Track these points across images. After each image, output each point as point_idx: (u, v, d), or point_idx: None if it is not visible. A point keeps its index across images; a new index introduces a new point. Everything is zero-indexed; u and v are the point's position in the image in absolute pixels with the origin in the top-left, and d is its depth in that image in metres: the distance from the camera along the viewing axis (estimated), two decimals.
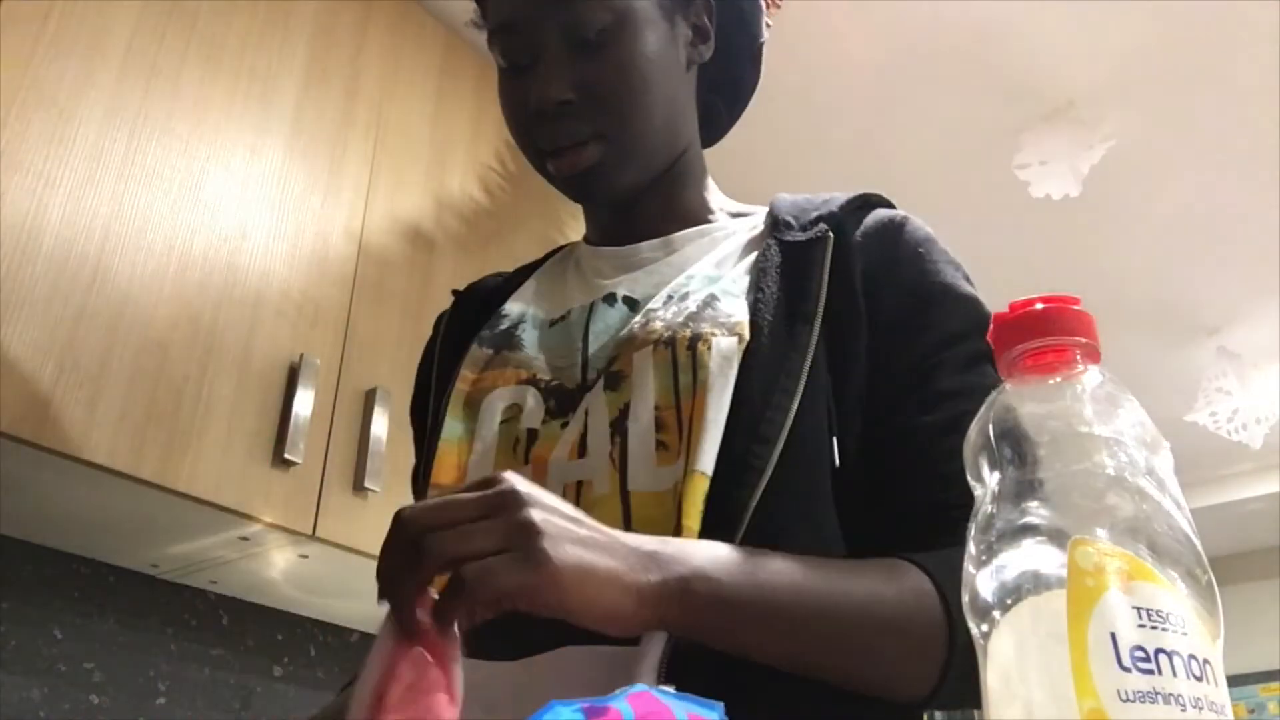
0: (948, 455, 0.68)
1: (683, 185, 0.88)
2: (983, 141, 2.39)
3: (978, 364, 0.73)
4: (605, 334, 0.79)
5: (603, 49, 0.78)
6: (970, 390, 0.71)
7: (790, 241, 0.78)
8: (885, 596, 0.62)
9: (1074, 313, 0.44)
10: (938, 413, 0.71)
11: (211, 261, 1.43)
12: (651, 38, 0.79)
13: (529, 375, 0.79)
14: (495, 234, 1.91)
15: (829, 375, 0.72)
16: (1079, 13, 2.06)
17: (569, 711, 0.40)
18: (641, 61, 0.78)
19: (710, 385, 0.69)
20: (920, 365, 0.74)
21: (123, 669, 1.56)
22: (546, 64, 0.78)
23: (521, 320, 0.85)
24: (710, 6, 0.86)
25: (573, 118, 0.78)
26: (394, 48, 1.85)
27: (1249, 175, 2.47)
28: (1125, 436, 0.42)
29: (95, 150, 1.32)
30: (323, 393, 1.50)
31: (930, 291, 0.77)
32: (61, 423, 1.20)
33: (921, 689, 0.63)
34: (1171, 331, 3.09)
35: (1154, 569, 0.38)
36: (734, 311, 0.74)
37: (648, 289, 0.81)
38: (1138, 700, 0.35)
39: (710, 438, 0.67)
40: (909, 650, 0.62)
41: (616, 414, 0.72)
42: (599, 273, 0.86)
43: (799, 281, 0.75)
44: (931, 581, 0.63)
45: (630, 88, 0.78)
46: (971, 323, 0.76)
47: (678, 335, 0.73)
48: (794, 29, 2.04)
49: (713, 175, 0.94)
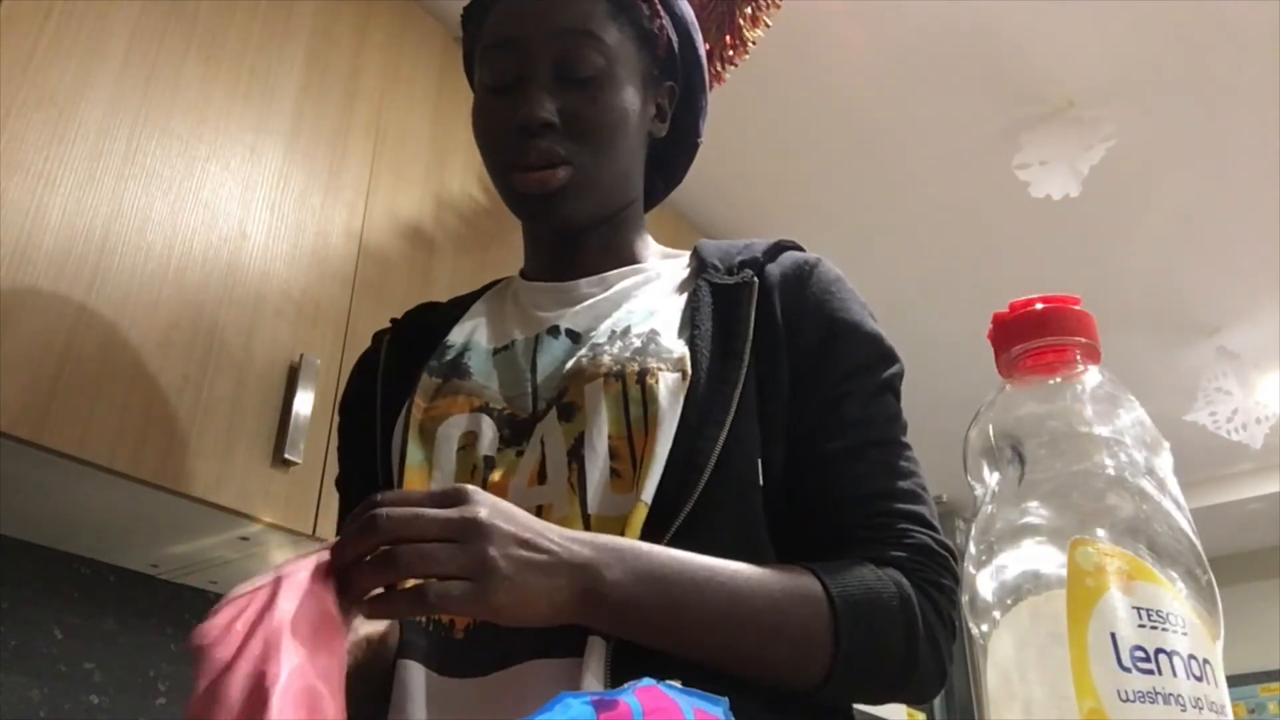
0: (853, 479, 0.80)
1: (624, 230, 0.95)
2: (983, 141, 2.39)
3: (881, 394, 0.84)
4: (551, 365, 0.85)
5: (589, 88, 0.86)
6: (873, 419, 0.82)
7: (719, 284, 0.86)
8: (777, 596, 0.71)
9: (1074, 313, 0.44)
10: (844, 440, 0.81)
11: (211, 261, 1.43)
12: (630, 93, 0.89)
13: (481, 403, 0.84)
14: (495, 234, 1.91)
15: (756, 400, 0.80)
16: (1079, 13, 2.06)
17: (579, 704, 0.40)
18: (620, 108, 0.87)
19: (661, 420, 0.76)
20: (830, 396, 0.82)
21: (123, 669, 1.56)
22: (535, 86, 0.85)
23: (467, 349, 0.90)
24: (673, 94, 0.96)
25: (551, 140, 0.85)
26: (394, 48, 1.85)
27: (1249, 175, 2.47)
28: (1125, 436, 0.42)
29: (95, 150, 1.32)
30: (323, 393, 1.50)
31: (839, 327, 0.85)
32: (61, 423, 1.20)
33: (812, 680, 0.71)
34: (1171, 331, 3.09)
35: (1154, 569, 0.38)
36: (674, 348, 0.81)
37: (588, 322, 0.88)
38: (1138, 700, 0.35)
39: (655, 470, 0.74)
40: (797, 645, 0.71)
41: (572, 443, 0.79)
42: (538, 306, 0.92)
43: (729, 321, 0.83)
44: (820, 584, 0.72)
45: (607, 126, 0.86)
46: (875, 356, 0.85)
47: (626, 369, 0.79)
48: (794, 29, 2.04)
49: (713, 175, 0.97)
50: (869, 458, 0.81)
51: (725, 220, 2.59)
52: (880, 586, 0.73)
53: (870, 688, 0.75)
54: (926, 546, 0.77)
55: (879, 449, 0.82)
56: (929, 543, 0.77)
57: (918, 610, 0.73)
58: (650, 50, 0.92)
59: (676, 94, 0.96)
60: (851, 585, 0.72)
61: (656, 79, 0.94)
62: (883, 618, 0.72)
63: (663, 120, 0.95)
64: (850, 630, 0.70)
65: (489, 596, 0.61)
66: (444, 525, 0.61)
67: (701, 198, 2.49)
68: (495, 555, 0.61)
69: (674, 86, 0.96)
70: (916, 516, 0.79)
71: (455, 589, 0.60)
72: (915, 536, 0.77)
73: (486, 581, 0.61)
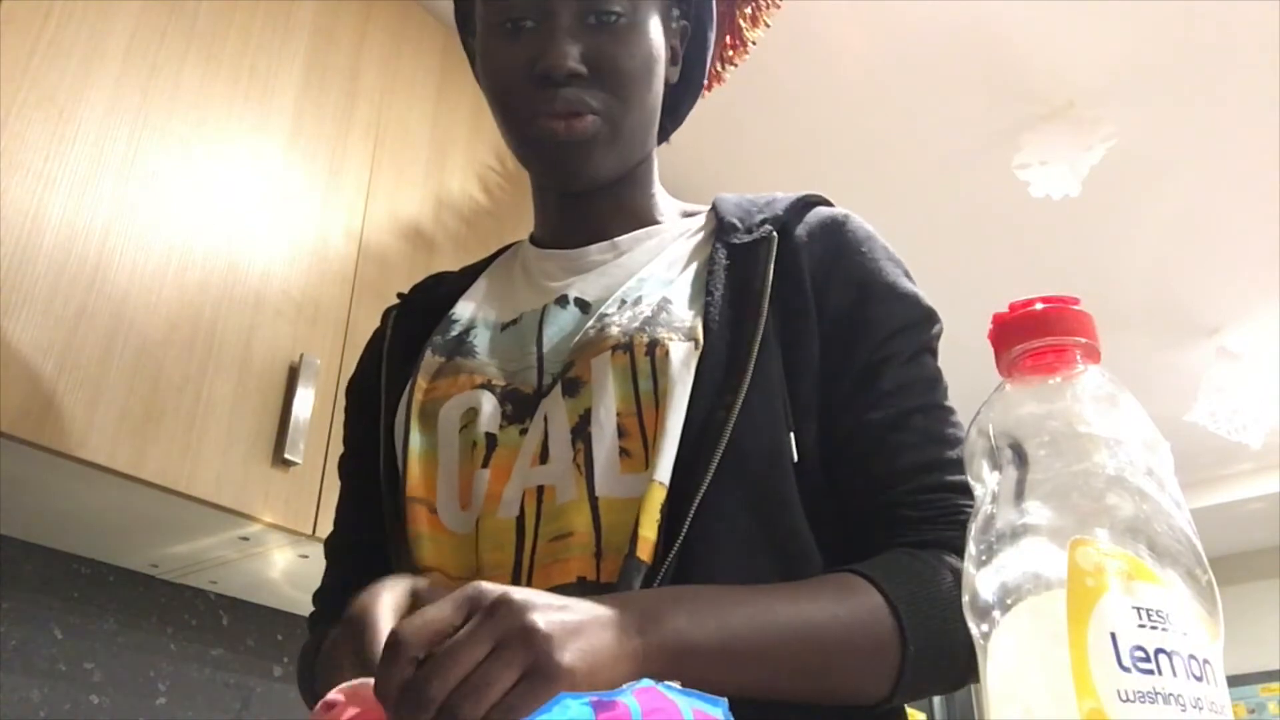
0: (896, 452, 0.75)
1: (638, 188, 0.90)
2: (983, 141, 2.39)
3: (919, 357, 0.79)
4: (559, 337, 0.80)
5: (615, 34, 0.80)
6: (913, 384, 0.77)
7: (736, 244, 0.81)
8: (840, 615, 0.65)
9: (1074, 313, 0.44)
10: (883, 410, 0.76)
11: (211, 261, 1.43)
12: (655, 36, 0.83)
13: (483, 380, 0.79)
14: (495, 234, 1.91)
15: (783, 372, 0.75)
16: (1079, 13, 2.06)
17: (578, 704, 0.40)
18: (647, 52, 0.81)
19: (671, 394, 0.71)
20: (867, 362, 0.77)
21: (123, 669, 1.56)
22: (559, 31, 0.78)
23: (473, 325, 0.86)
24: (685, 34, 0.90)
25: (579, 90, 0.79)
26: (394, 48, 1.85)
27: (1249, 176, 2.47)
28: (1125, 436, 0.41)
29: (95, 150, 1.32)
30: (323, 393, 1.50)
31: (873, 287, 0.80)
32: (61, 423, 1.20)
33: (881, 691, 0.67)
34: (1171, 331, 3.09)
35: (1154, 569, 0.38)
36: (686, 316, 0.76)
37: (599, 291, 0.82)
38: (1138, 700, 0.35)
39: (668, 447, 0.70)
40: (867, 661, 0.66)
41: (577, 420, 0.74)
42: (547, 275, 0.87)
43: (746, 283, 0.78)
44: (879, 592, 0.66)
45: (636, 75, 0.80)
46: (913, 318, 0.80)
47: (635, 340, 0.75)
48: (794, 29, 2.04)
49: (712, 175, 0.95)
50: (912, 426, 0.75)
51: None
52: (937, 578, 0.68)
53: (939, 686, 0.71)
54: None
55: (921, 416, 0.76)
56: None
57: None
58: None
59: (689, 34, 0.90)
60: (910, 584, 0.67)
61: (675, 19, 0.88)
62: (946, 613, 0.67)
63: (674, 63, 0.89)
64: (915, 634, 0.66)
65: (557, 668, 0.52)
66: (474, 638, 0.52)
67: (701, 198, 2.49)
68: (543, 625, 0.53)
69: (687, 25, 0.90)
70: (965, 488, 0.72)
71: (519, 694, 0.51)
72: (967, 511, 0.72)
73: (549, 657, 0.52)
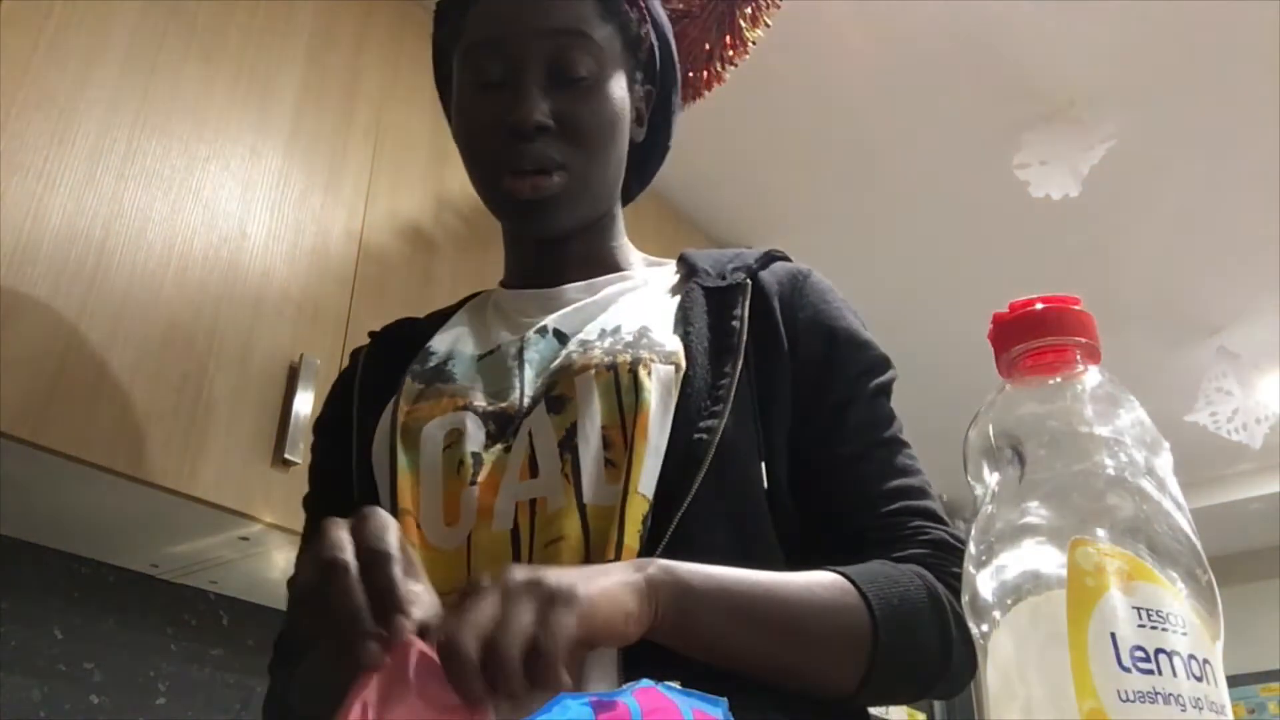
0: (863, 481, 0.81)
1: (607, 236, 0.94)
2: (983, 141, 2.39)
3: (878, 398, 0.86)
4: (540, 362, 0.84)
5: (581, 91, 0.85)
6: (875, 422, 0.84)
7: (711, 287, 0.86)
8: (819, 595, 0.70)
9: (1074, 313, 0.44)
10: (851, 445, 0.82)
11: (211, 261, 1.43)
12: (620, 96, 0.88)
13: (465, 402, 0.82)
14: (495, 234, 1.90)
15: (756, 404, 0.80)
16: (1079, 13, 2.06)
17: (577, 705, 0.40)
18: (612, 111, 0.87)
19: (651, 407, 0.75)
20: (835, 402, 0.83)
21: (123, 669, 1.56)
22: (526, 87, 0.84)
23: (451, 356, 0.88)
24: (650, 98, 0.96)
25: (545, 144, 0.83)
26: (394, 48, 1.85)
27: (1249, 175, 2.47)
28: (1125, 436, 0.42)
29: (95, 150, 1.32)
30: (323, 393, 1.50)
31: (839, 336, 0.86)
32: (61, 423, 1.20)
33: (849, 686, 0.70)
34: (1171, 331, 3.09)
35: (1154, 569, 0.38)
36: (667, 342, 0.80)
37: (576, 325, 0.86)
38: (1138, 700, 0.35)
39: (652, 462, 0.73)
40: (843, 640, 0.69)
41: (564, 434, 0.77)
42: (523, 312, 0.91)
43: (723, 320, 0.83)
44: (856, 590, 0.70)
45: (601, 130, 0.86)
46: (873, 363, 0.87)
47: (619, 360, 0.78)
48: (794, 29, 2.04)
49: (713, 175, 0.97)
50: (876, 458, 0.82)
51: (726, 220, 2.59)
52: (909, 584, 0.72)
53: (906, 687, 0.74)
54: (944, 541, 0.77)
55: (884, 449, 0.83)
56: (945, 537, 0.78)
57: (946, 604, 0.73)
58: (634, 54, 0.92)
59: (654, 98, 0.96)
60: (884, 586, 0.71)
61: (639, 83, 0.94)
62: (917, 616, 0.71)
63: (640, 124, 0.95)
64: (888, 632, 0.69)
65: (572, 592, 0.55)
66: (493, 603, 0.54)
67: (702, 197, 2.49)
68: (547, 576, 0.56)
69: (652, 91, 0.96)
70: (928, 512, 0.80)
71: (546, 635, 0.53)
72: (930, 532, 0.78)
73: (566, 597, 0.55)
